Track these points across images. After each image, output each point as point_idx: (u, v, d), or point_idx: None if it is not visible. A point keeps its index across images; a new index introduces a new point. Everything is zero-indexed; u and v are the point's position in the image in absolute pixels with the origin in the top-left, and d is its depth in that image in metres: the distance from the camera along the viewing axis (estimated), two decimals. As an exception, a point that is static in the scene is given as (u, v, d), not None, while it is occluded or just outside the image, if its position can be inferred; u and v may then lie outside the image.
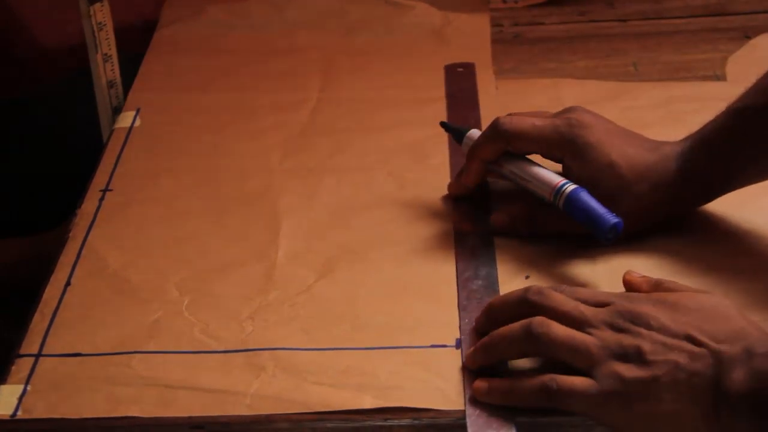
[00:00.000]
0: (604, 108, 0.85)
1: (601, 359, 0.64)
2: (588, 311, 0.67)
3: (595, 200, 0.77)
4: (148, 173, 0.91)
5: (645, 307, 0.66)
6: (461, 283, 0.76)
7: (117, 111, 1.01)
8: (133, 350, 0.72)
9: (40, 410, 0.68)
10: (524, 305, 0.68)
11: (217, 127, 0.97)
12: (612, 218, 0.76)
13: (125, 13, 1.19)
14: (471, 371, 0.69)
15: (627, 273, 0.72)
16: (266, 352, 0.72)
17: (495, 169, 0.83)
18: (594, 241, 0.77)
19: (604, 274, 0.77)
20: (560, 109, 0.87)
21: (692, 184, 0.79)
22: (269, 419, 0.67)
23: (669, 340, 0.63)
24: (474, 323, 0.72)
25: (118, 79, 1.03)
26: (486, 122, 0.94)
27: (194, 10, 1.17)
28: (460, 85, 0.91)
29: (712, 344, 0.63)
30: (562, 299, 0.68)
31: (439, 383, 0.69)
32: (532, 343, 0.66)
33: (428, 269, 0.79)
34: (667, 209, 0.80)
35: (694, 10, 1.14)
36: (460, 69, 1.03)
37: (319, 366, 0.70)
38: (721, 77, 1.01)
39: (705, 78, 1.02)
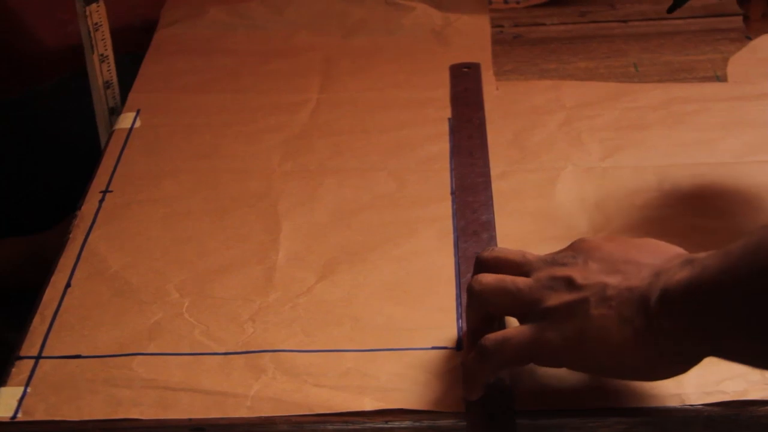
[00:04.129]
0: (605, 109, 0.86)
1: (532, 299, 0.63)
2: (531, 256, 0.66)
3: None
4: (148, 174, 0.91)
5: (593, 242, 0.65)
6: (462, 285, 0.76)
7: (113, 112, 1.01)
8: (133, 352, 0.72)
9: (40, 412, 0.68)
10: (481, 266, 0.68)
11: (217, 128, 0.97)
12: None
13: (125, 13, 1.19)
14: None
15: None
16: (267, 354, 0.72)
17: None
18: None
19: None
20: (560, 110, 0.87)
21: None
22: (269, 421, 0.67)
23: (607, 267, 0.62)
24: None
25: (115, 80, 1.02)
26: (490, 123, 0.94)
27: (194, 11, 1.17)
28: (466, 86, 0.91)
29: (652, 263, 0.61)
30: (510, 250, 0.68)
31: (439, 385, 0.68)
32: (473, 299, 0.66)
33: (429, 270, 0.79)
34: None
35: (694, 10, 1.14)
36: (466, 69, 1.03)
37: (320, 368, 0.70)
38: (721, 78, 1.01)
39: (705, 79, 1.01)
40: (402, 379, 0.69)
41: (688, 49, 1.07)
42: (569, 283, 0.63)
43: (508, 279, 0.65)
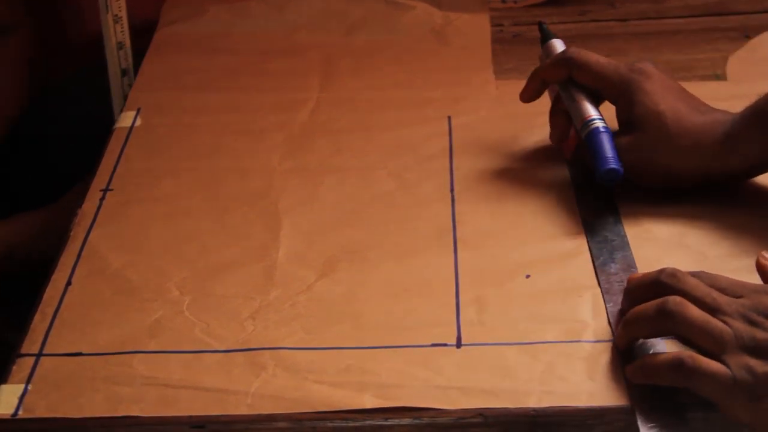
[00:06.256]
0: (605, 107, 0.85)
1: (732, 349, 0.63)
2: (721, 299, 0.65)
3: (612, 145, 0.80)
4: (148, 173, 0.91)
5: None
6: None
7: (125, 73, 1.02)
8: (134, 350, 0.72)
9: (41, 410, 0.68)
10: (657, 287, 0.67)
11: (217, 127, 0.97)
12: (611, 164, 0.79)
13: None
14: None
15: (761, 255, 0.70)
16: (267, 351, 0.72)
17: (557, 91, 0.88)
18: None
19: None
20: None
21: (735, 152, 0.79)
22: (270, 418, 0.67)
23: None
24: (620, 304, 0.72)
25: (128, 42, 1.03)
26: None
27: (194, 10, 1.17)
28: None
29: None
30: (695, 284, 0.66)
31: (439, 382, 0.69)
32: (666, 320, 0.65)
33: (428, 268, 0.79)
34: (706, 172, 0.81)
35: (694, 9, 1.14)
36: None
37: (320, 365, 0.70)
38: (721, 77, 1.01)
39: (705, 78, 1.02)
40: (402, 376, 0.69)
41: (687, 48, 1.07)
42: None
43: (713, 323, 0.64)
